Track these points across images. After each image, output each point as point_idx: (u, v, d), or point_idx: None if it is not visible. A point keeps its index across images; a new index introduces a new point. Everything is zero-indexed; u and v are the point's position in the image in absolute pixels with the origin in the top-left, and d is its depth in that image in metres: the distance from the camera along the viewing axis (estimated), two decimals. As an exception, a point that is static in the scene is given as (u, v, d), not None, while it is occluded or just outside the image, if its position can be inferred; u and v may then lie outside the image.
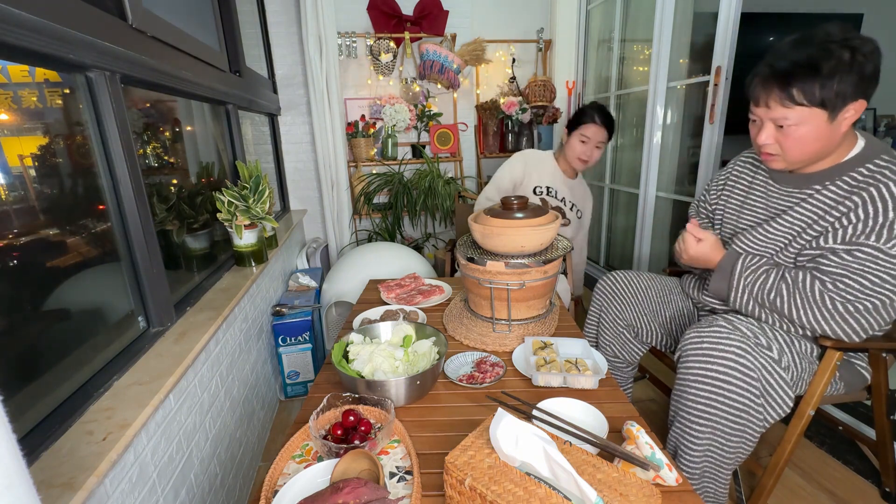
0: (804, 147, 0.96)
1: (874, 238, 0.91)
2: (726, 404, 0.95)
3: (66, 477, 0.63)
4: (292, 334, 1.77)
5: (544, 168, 1.92)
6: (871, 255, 0.92)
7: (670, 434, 1.06)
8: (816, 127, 0.93)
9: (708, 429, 0.97)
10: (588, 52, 3.00)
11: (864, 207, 0.93)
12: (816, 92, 0.88)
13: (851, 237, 0.94)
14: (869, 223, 0.92)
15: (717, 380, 0.96)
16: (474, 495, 0.62)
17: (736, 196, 1.22)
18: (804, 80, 0.89)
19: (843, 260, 0.95)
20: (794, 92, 0.90)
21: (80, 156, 0.92)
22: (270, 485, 0.71)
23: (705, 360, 0.97)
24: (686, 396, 1.00)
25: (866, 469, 1.42)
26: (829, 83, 0.87)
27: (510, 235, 1.12)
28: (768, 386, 0.96)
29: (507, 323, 1.20)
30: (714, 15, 1.89)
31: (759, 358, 0.95)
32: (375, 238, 2.86)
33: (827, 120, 0.91)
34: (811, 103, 0.90)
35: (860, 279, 0.93)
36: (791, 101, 0.91)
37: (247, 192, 1.49)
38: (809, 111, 0.91)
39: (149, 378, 0.88)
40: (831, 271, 0.96)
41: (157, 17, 1.09)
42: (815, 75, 0.88)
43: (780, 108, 0.94)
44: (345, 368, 0.95)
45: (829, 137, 0.94)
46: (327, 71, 2.53)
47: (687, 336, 1.04)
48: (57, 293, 0.84)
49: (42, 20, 0.70)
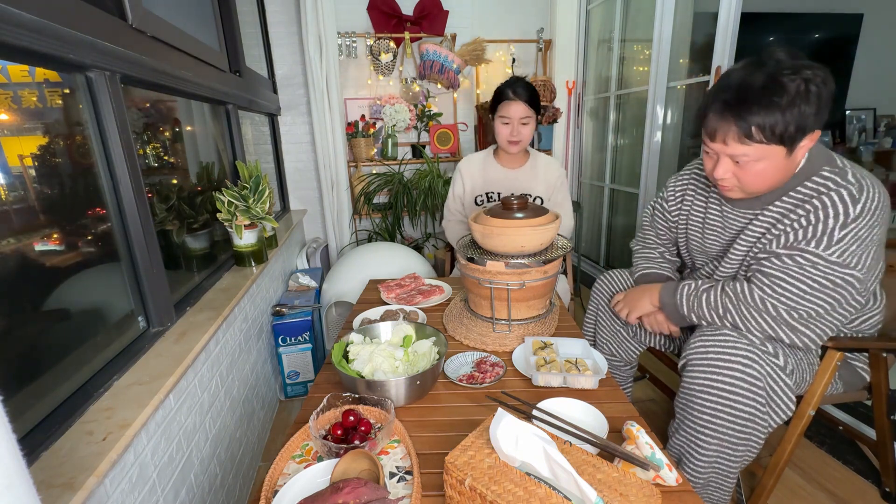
0: (763, 181, 0.96)
1: (814, 244, 0.92)
2: (732, 414, 0.94)
3: (66, 477, 0.63)
4: (292, 334, 1.77)
5: (482, 169, 1.79)
6: (810, 260, 0.93)
7: (673, 441, 1.05)
8: (774, 162, 0.92)
9: (715, 439, 0.97)
10: (588, 52, 3.00)
11: (807, 217, 0.94)
12: (776, 129, 0.86)
13: (793, 243, 0.95)
14: (810, 231, 0.93)
15: (723, 390, 0.94)
16: (474, 495, 0.62)
17: (696, 215, 1.23)
18: (762, 116, 0.86)
19: (784, 263, 0.95)
20: (753, 130, 0.88)
21: (80, 156, 0.92)
22: (270, 485, 0.71)
23: (711, 369, 0.96)
24: (692, 406, 0.99)
25: (866, 469, 1.42)
26: (786, 119, 0.85)
27: (510, 235, 1.12)
28: (773, 394, 0.95)
29: (507, 323, 1.20)
30: (714, 15, 1.89)
31: (765, 366, 0.94)
32: (375, 238, 2.86)
33: (785, 155, 0.91)
34: (770, 140, 0.88)
35: (798, 283, 0.93)
36: (749, 139, 0.89)
37: (247, 192, 1.49)
38: (768, 147, 0.89)
39: (149, 378, 0.88)
40: (771, 273, 0.97)
41: (157, 17, 1.09)
42: (772, 110, 0.85)
43: (738, 146, 0.91)
44: (345, 368, 0.95)
45: (787, 169, 0.95)
46: (327, 71, 2.53)
47: (692, 344, 1.02)
48: (57, 293, 0.84)
49: (42, 20, 0.70)
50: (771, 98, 0.85)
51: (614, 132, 2.91)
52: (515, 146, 1.67)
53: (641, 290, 1.23)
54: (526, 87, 1.60)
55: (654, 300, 1.18)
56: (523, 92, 1.59)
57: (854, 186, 0.91)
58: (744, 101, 0.87)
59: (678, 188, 1.28)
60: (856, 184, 0.92)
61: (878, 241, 0.93)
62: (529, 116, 1.61)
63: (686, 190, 1.26)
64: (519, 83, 1.61)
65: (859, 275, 0.91)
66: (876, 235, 0.92)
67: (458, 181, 1.84)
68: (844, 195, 0.91)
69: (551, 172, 1.78)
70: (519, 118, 1.60)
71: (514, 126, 1.62)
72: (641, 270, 1.33)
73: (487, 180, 1.79)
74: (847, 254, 0.91)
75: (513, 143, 1.65)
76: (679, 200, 1.28)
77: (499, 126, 1.66)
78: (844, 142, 3.92)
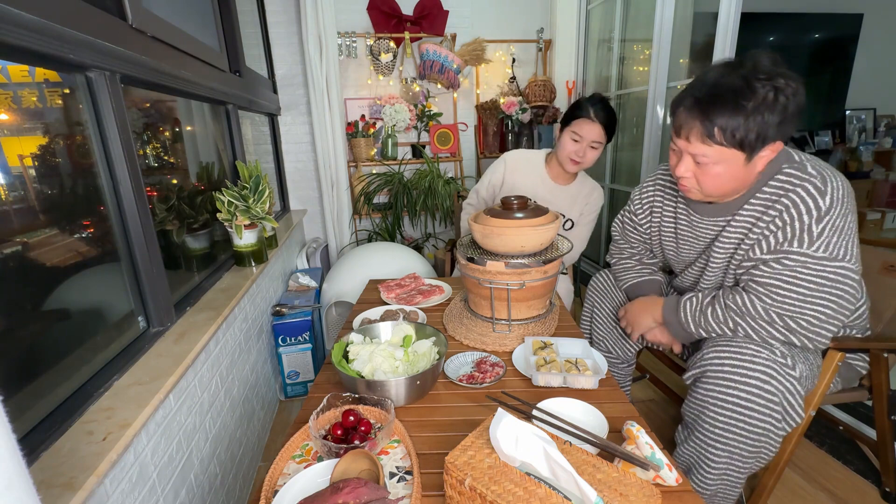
0: (720, 185, 0.96)
1: (797, 244, 0.92)
2: (745, 428, 0.93)
3: (66, 477, 0.63)
4: (292, 334, 1.77)
5: (528, 172, 1.72)
6: (798, 260, 0.92)
7: (682, 450, 1.05)
8: (732, 167, 0.92)
9: (726, 452, 0.96)
10: (588, 52, 3.00)
11: (780, 217, 0.94)
12: (737, 133, 0.86)
13: (775, 246, 0.95)
14: (788, 231, 0.93)
15: (737, 404, 0.93)
16: (474, 495, 0.62)
17: (667, 224, 1.22)
18: (726, 118, 0.86)
19: (773, 269, 0.95)
20: (715, 130, 0.88)
21: (80, 156, 0.92)
22: (270, 485, 0.71)
23: (727, 382, 0.94)
24: (704, 418, 0.97)
25: (866, 469, 1.42)
26: (749, 124, 0.85)
27: (510, 235, 1.12)
28: (789, 407, 0.93)
29: (507, 323, 1.20)
30: (714, 15, 1.89)
31: (784, 381, 0.91)
32: (375, 238, 2.86)
33: (744, 162, 0.91)
34: (730, 144, 0.88)
35: (795, 287, 0.92)
36: (711, 139, 0.89)
37: (247, 192, 1.49)
38: (728, 151, 0.89)
39: (149, 378, 0.88)
40: (764, 281, 0.96)
41: (157, 17, 1.09)
42: (737, 114, 0.85)
43: (700, 145, 0.92)
44: (345, 368, 0.95)
45: (745, 178, 0.95)
46: (327, 71, 2.53)
47: (707, 354, 0.99)
48: (57, 293, 0.84)
49: (42, 20, 0.70)
50: (738, 101, 0.85)
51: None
52: (576, 166, 1.60)
53: (641, 306, 1.22)
54: (606, 110, 1.52)
55: (657, 317, 1.18)
56: (603, 115, 1.51)
57: (817, 178, 0.92)
58: (712, 100, 0.87)
59: (644, 199, 1.28)
60: (818, 176, 0.92)
61: (854, 230, 0.93)
62: (601, 142, 1.54)
63: (654, 199, 1.25)
64: (602, 104, 1.53)
65: (851, 265, 0.90)
66: (851, 223, 0.92)
67: (499, 170, 1.75)
68: (810, 189, 0.92)
69: (593, 201, 1.72)
70: (591, 140, 1.53)
71: (583, 146, 1.54)
72: (630, 282, 1.33)
73: (535, 185, 1.71)
74: (831, 246, 0.90)
75: (575, 162, 1.58)
76: (648, 211, 1.27)
77: (566, 140, 1.57)
78: (844, 142, 3.92)
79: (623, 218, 1.37)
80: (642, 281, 1.30)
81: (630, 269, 1.34)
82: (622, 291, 1.38)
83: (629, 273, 1.34)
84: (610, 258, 1.42)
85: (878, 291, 1.19)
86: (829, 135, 3.94)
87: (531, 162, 1.74)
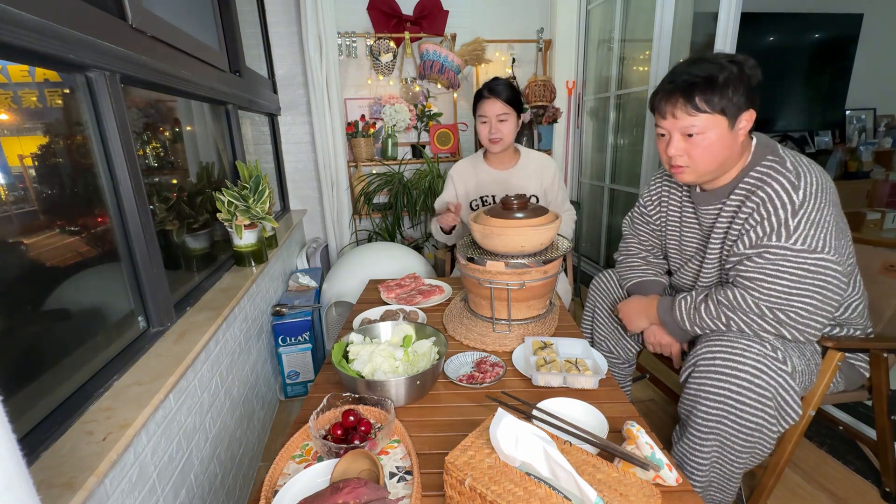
0: (712, 155, 1.01)
1: (775, 238, 0.96)
2: (737, 422, 0.94)
3: (66, 477, 0.63)
4: (292, 334, 1.77)
5: (473, 174, 1.78)
6: (778, 253, 0.95)
7: (677, 448, 1.05)
8: (720, 134, 0.99)
9: (716, 443, 0.97)
10: (588, 52, 3.00)
11: (758, 210, 0.99)
12: (716, 100, 0.96)
13: (757, 241, 0.99)
14: (766, 225, 0.97)
15: (728, 397, 0.94)
16: (474, 495, 0.62)
17: (673, 215, 1.27)
18: (704, 91, 0.96)
19: (756, 263, 0.98)
20: (697, 100, 0.97)
21: (80, 156, 0.92)
22: (270, 485, 0.71)
23: (717, 376, 0.95)
24: (696, 411, 0.98)
25: (866, 469, 1.42)
26: (725, 92, 0.95)
27: (510, 235, 1.12)
28: (783, 402, 0.94)
29: (507, 323, 1.20)
30: (714, 15, 1.89)
31: (775, 377, 0.93)
32: (375, 238, 2.86)
33: (728, 128, 0.98)
34: (713, 110, 0.97)
35: (779, 279, 0.95)
36: (695, 109, 0.98)
37: (247, 192, 1.49)
38: (713, 118, 0.97)
39: (149, 378, 0.88)
40: (750, 276, 0.99)
41: (157, 17, 1.09)
42: (713, 86, 0.96)
43: (687, 118, 0.99)
44: (345, 368, 0.95)
45: (732, 146, 1.01)
46: (327, 71, 2.53)
47: (699, 349, 1.01)
48: (57, 293, 0.84)
49: (42, 20, 0.70)
50: (711, 76, 0.96)
51: (614, 132, 2.91)
52: (497, 144, 1.65)
53: (637, 305, 1.24)
54: (501, 84, 1.61)
55: (652, 317, 1.19)
56: (498, 89, 1.59)
57: (791, 174, 0.97)
58: (688, 81, 0.98)
59: (654, 192, 1.33)
60: (793, 171, 0.97)
61: (835, 222, 0.95)
62: (507, 113, 1.60)
63: (661, 192, 1.30)
64: (494, 81, 1.62)
65: (831, 257, 0.93)
66: (829, 216, 0.94)
67: (450, 188, 1.83)
68: (785, 183, 0.96)
69: (545, 170, 1.75)
70: (496, 115, 1.60)
71: (491, 124, 1.62)
72: (632, 280, 1.34)
73: (480, 184, 1.77)
74: (809, 238, 0.93)
75: (493, 141, 1.64)
76: (657, 203, 1.32)
77: (478, 126, 1.66)
78: (844, 142, 3.92)
79: (633, 213, 1.40)
80: (645, 280, 1.31)
81: (635, 268, 1.35)
82: (624, 291, 1.38)
83: (634, 271, 1.34)
84: (617, 255, 1.44)
85: (878, 291, 1.19)
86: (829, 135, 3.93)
87: (472, 164, 1.81)
